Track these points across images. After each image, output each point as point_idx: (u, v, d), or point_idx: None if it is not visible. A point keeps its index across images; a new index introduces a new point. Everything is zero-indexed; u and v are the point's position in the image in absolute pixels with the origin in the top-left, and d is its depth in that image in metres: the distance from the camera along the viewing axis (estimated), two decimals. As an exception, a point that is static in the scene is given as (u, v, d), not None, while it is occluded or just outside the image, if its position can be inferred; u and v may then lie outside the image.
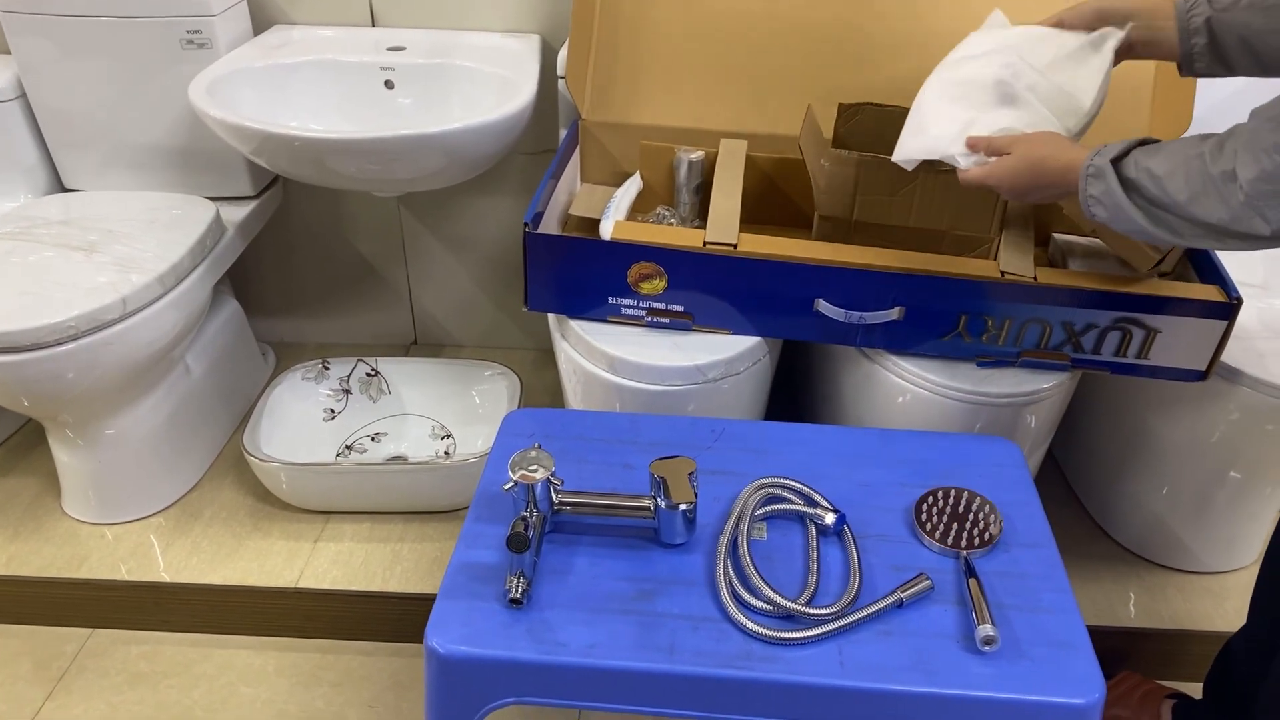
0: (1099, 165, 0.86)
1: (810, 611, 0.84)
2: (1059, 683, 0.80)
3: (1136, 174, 0.84)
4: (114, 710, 1.30)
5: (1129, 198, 0.84)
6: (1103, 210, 0.87)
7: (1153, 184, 0.83)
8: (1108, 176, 0.85)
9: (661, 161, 1.36)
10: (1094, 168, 0.86)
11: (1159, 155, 0.83)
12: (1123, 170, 0.85)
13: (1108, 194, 0.85)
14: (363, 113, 1.51)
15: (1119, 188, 0.85)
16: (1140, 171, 0.84)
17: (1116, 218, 0.86)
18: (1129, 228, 0.86)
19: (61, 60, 1.48)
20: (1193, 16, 0.96)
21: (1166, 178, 0.82)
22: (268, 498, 1.53)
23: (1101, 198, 0.86)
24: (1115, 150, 0.86)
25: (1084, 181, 0.87)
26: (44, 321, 1.22)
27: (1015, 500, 0.99)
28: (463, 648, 0.83)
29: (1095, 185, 0.86)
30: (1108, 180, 0.85)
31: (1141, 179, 0.83)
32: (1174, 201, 0.81)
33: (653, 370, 1.16)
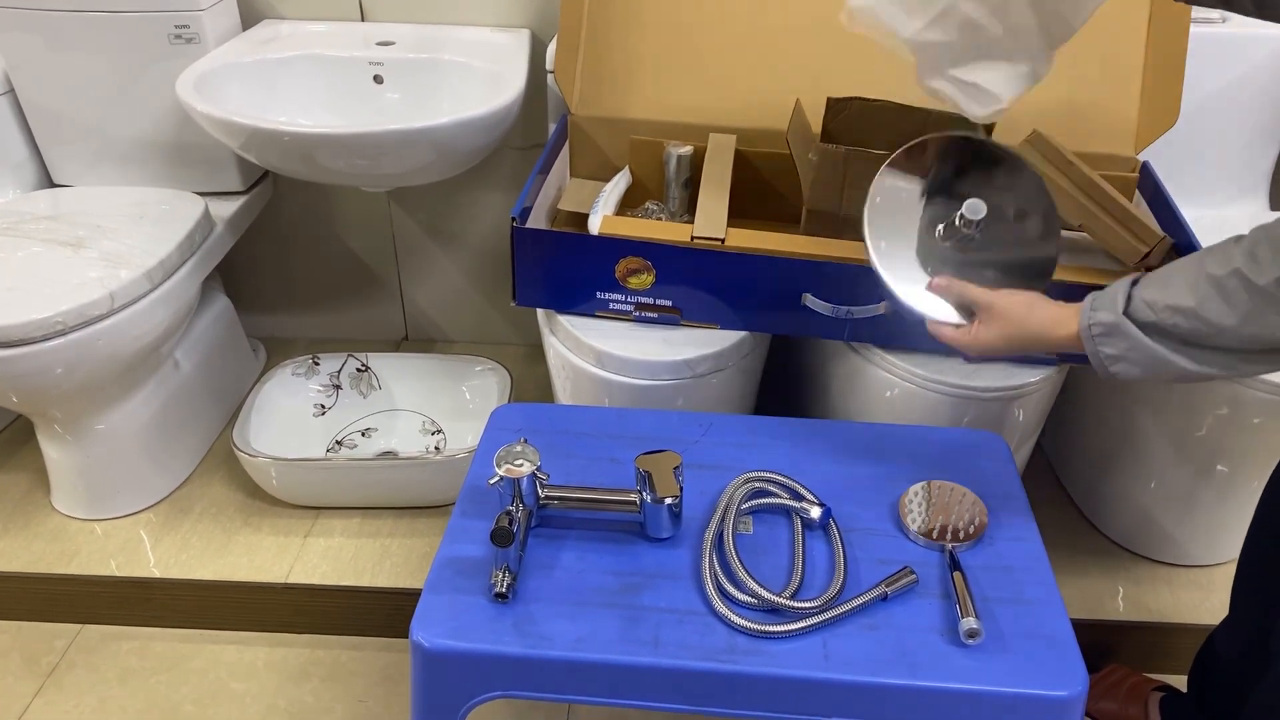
0: (1108, 322, 0.77)
1: (795, 605, 0.84)
2: (1042, 675, 0.80)
3: (1158, 316, 0.75)
4: (104, 705, 1.30)
5: (1161, 344, 0.75)
6: (1131, 367, 0.77)
7: (1184, 319, 0.73)
8: (1126, 331, 0.76)
9: (651, 156, 1.36)
10: (1101, 326, 0.78)
11: (1171, 286, 0.75)
12: (1137, 316, 0.76)
13: (1135, 349, 0.76)
14: (352, 107, 1.51)
15: (1147, 338, 0.75)
16: (1161, 312, 0.74)
17: (1152, 368, 0.76)
18: (1170, 374, 0.76)
19: (50, 55, 1.47)
20: None
21: (1201, 306, 0.73)
22: (258, 493, 1.53)
23: (1127, 354, 0.77)
24: (1115, 300, 0.77)
25: (1093, 344, 0.79)
26: (31, 317, 1.21)
27: (1001, 494, 0.99)
28: (448, 642, 0.83)
29: (1112, 344, 0.78)
30: (1128, 335, 0.76)
31: (1166, 320, 0.74)
32: (1220, 328, 0.72)
33: (641, 365, 1.16)
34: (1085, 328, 0.80)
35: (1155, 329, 0.75)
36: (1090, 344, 0.79)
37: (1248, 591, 1.07)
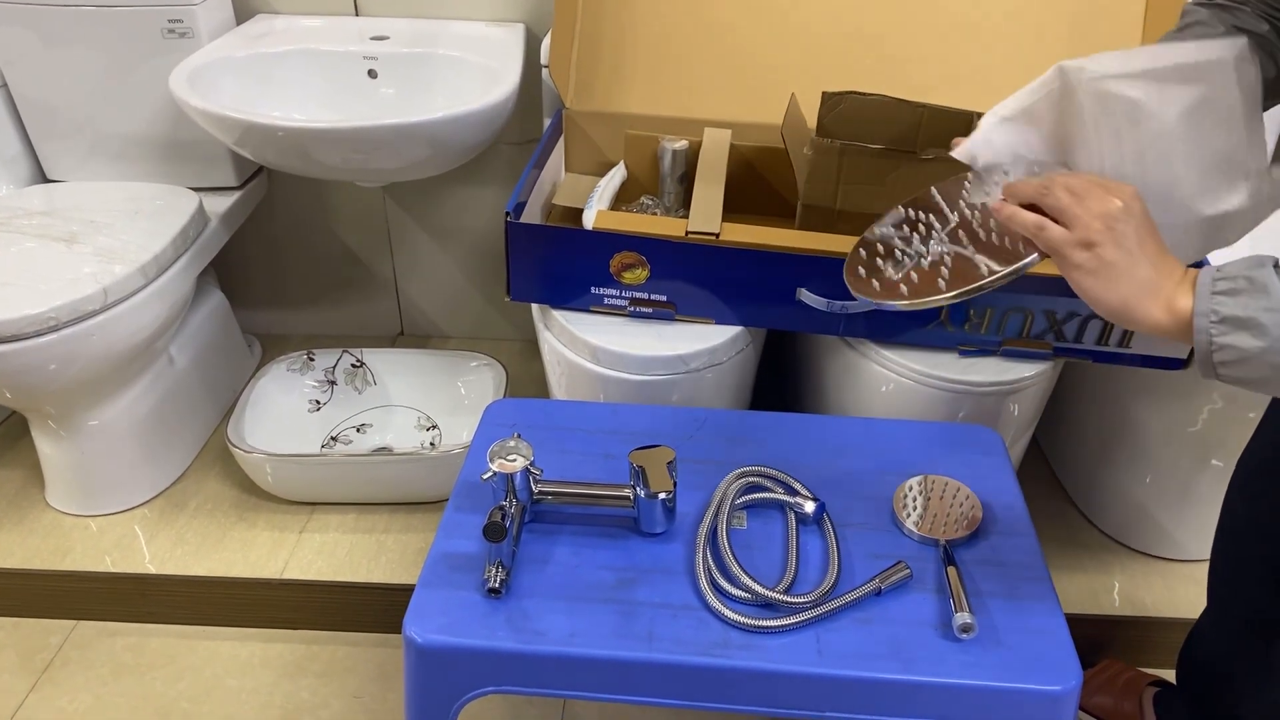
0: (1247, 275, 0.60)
1: (789, 600, 0.84)
2: (1035, 670, 0.80)
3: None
4: (99, 702, 1.30)
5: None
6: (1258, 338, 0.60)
7: None
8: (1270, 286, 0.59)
9: (646, 151, 1.36)
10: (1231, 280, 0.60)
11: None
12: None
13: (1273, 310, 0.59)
14: (346, 102, 1.51)
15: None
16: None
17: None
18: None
19: (43, 50, 1.47)
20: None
21: None
22: (253, 489, 1.53)
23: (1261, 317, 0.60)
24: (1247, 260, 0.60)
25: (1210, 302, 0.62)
26: (24, 312, 1.21)
27: (996, 489, 0.99)
28: (441, 637, 0.83)
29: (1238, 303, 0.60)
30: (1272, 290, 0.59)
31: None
32: None
33: (635, 360, 1.16)
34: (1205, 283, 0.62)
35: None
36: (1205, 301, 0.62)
37: (1224, 583, 1.07)
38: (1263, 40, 0.82)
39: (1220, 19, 0.83)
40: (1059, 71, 0.76)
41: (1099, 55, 0.75)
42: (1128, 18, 1.34)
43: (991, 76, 1.37)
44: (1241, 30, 0.81)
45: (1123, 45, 1.35)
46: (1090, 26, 1.36)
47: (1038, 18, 1.37)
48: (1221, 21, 0.83)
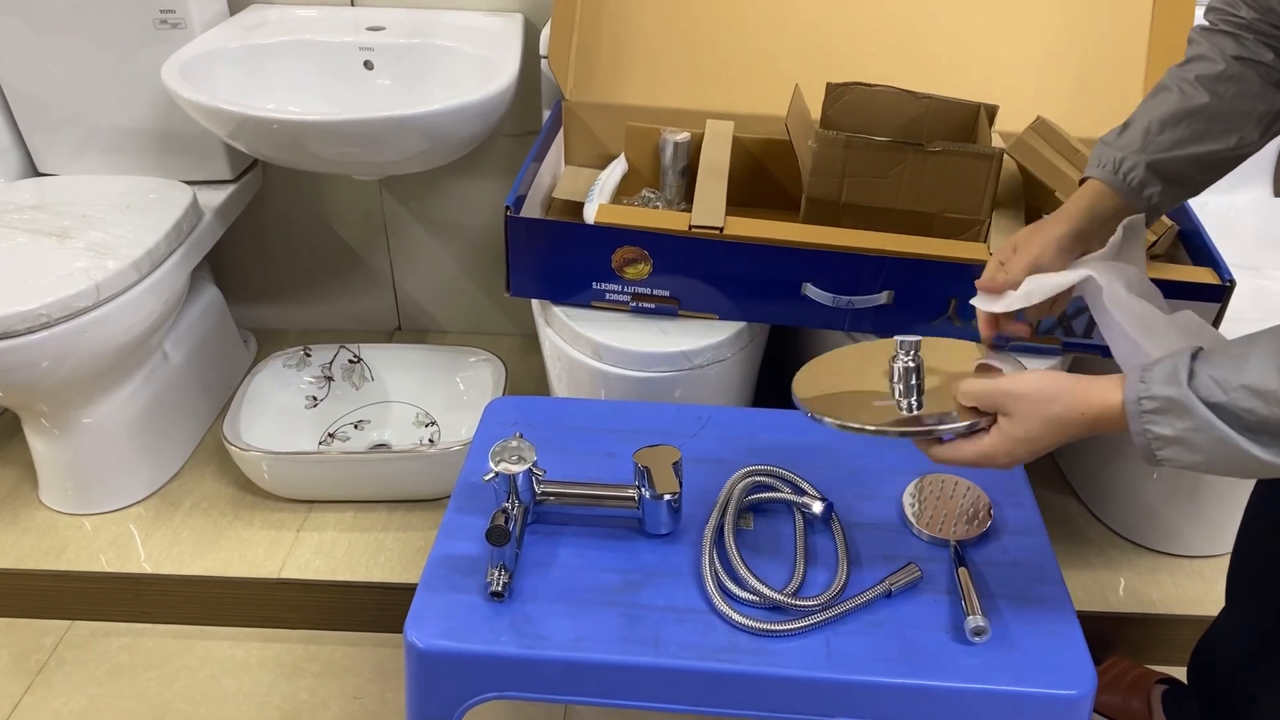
0: (1170, 398, 0.64)
1: (797, 603, 0.83)
2: (1050, 674, 0.79)
3: (1229, 396, 0.63)
4: (94, 703, 1.29)
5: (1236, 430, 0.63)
6: (1188, 452, 0.65)
7: (1264, 404, 0.62)
8: (1191, 408, 0.63)
9: (647, 143, 1.34)
10: (1157, 402, 0.65)
11: (1250, 365, 0.63)
12: (1202, 395, 0.63)
13: (1200, 430, 0.63)
14: (342, 94, 1.49)
15: (1217, 419, 0.63)
16: (1235, 393, 0.62)
17: (1215, 455, 0.64)
18: (1233, 465, 0.65)
19: (33, 41, 1.44)
20: (1129, 174, 0.84)
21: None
22: (249, 487, 1.51)
23: (1187, 436, 0.64)
24: (1176, 373, 0.65)
25: (1141, 422, 0.66)
26: (15, 309, 1.19)
27: (1006, 488, 0.97)
28: (443, 642, 0.81)
29: (1168, 423, 0.64)
30: (1194, 413, 0.63)
31: (1240, 402, 0.62)
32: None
33: (638, 356, 1.14)
34: (1134, 402, 0.66)
35: (1223, 411, 0.63)
36: (1138, 421, 0.66)
37: (1244, 586, 1.06)
38: (1267, 70, 0.82)
39: (1222, 49, 0.84)
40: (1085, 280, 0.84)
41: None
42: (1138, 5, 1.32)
43: (996, 67, 1.36)
44: (1244, 60, 0.82)
45: (1127, 34, 1.33)
46: (1094, 14, 1.35)
47: (1043, 7, 1.35)
48: (1223, 52, 0.83)
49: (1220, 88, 0.83)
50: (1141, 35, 1.33)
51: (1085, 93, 1.34)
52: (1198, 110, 0.83)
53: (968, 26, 1.36)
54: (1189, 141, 0.83)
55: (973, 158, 1.13)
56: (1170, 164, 0.84)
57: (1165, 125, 0.84)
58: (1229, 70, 0.82)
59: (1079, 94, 1.34)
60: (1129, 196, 0.85)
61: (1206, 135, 0.83)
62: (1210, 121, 0.83)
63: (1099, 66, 1.34)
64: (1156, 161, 0.84)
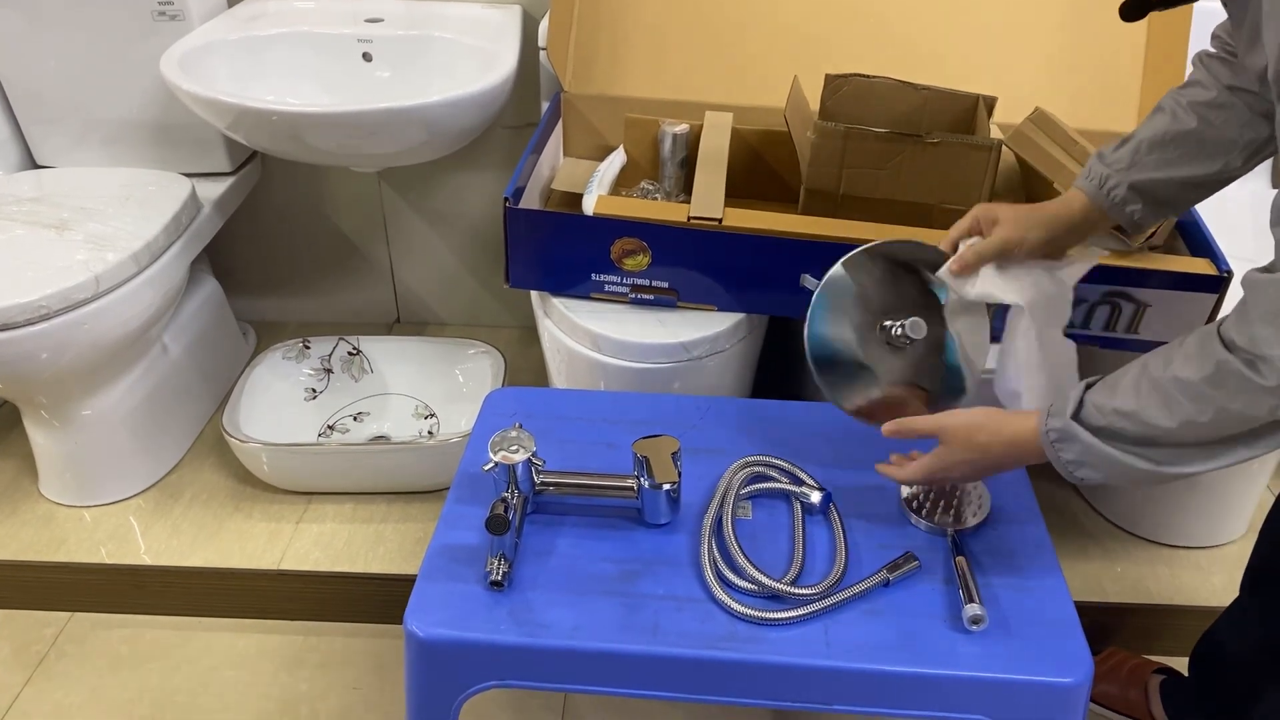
0: (1061, 429, 0.75)
1: (796, 591, 0.83)
2: (1047, 662, 0.79)
3: (1106, 419, 0.73)
4: (95, 694, 1.29)
5: (1116, 448, 0.73)
6: (1093, 471, 0.75)
7: (1130, 423, 0.72)
8: (1077, 435, 0.74)
9: (646, 135, 1.34)
10: (1056, 433, 0.76)
11: (1120, 389, 0.73)
12: (1089, 422, 0.74)
13: (1089, 452, 0.74)
14: (340, 86, 1.48)
15: (1099, 442, 0.73)
16: (1109, 415, 0.73)
17: (1115, 473, 0.74)
18: (1134, 478, 0.74)
19: (31, 33, 1.44)
20: (1113, 191, 0.89)
21: (1142, 410, 0.71)
22: (249, 479, 1.51)
23: (1084, 458, 0.75)
24: (1069, 405, 0.75)
25: (1053, 450, 0.76)
26: (14, 301, 1.19)
27: (1003, 477, 0.97)
28: (443, 631, 0.82)
29: (1069, 449, 0.75)
30: (1079, 439, 0.74)
31: (1115, 423, 0.73)
32: (1162, 430, 0.71)
33: (637, 347, 1.15)
34: (1044, 434, 0.77)
35: (1107, 432, 0.73)
36: (1051, 451, 0.77)
37: (1262, 585, 1.06)
38: (1255, 99, 0.85)
39: (1217, 77, 0.87)
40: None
41: None
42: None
43: (995, 58, 1.36)
44: (1236, 89, 0.86)
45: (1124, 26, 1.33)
46: (1092, 6, 1.35)
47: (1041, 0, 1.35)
48: (1217, 80, 0.87)
49: (1211, 114, 0.86)
50: (1139, 27, 1.33)
51: (1083, 84, 1.34)
52: (1185, 135, 0.87)
53: (966, 18, 1.36)
54: (1174, 164, 0.88)
55: (971, 149, 1.14)
56: (1153, 185, 0.89)
57: (1154, 146, 0.88)
58: (1220, 98, 0.86)
59: (1077, 85, 1.34)
60: (1111, 211, 0.90)
61: (1193, 159, 0.87)
62: (1198, 146, 0.87)
63: (1097, 58, 1.34)
64: (1139, 181, 0.88)
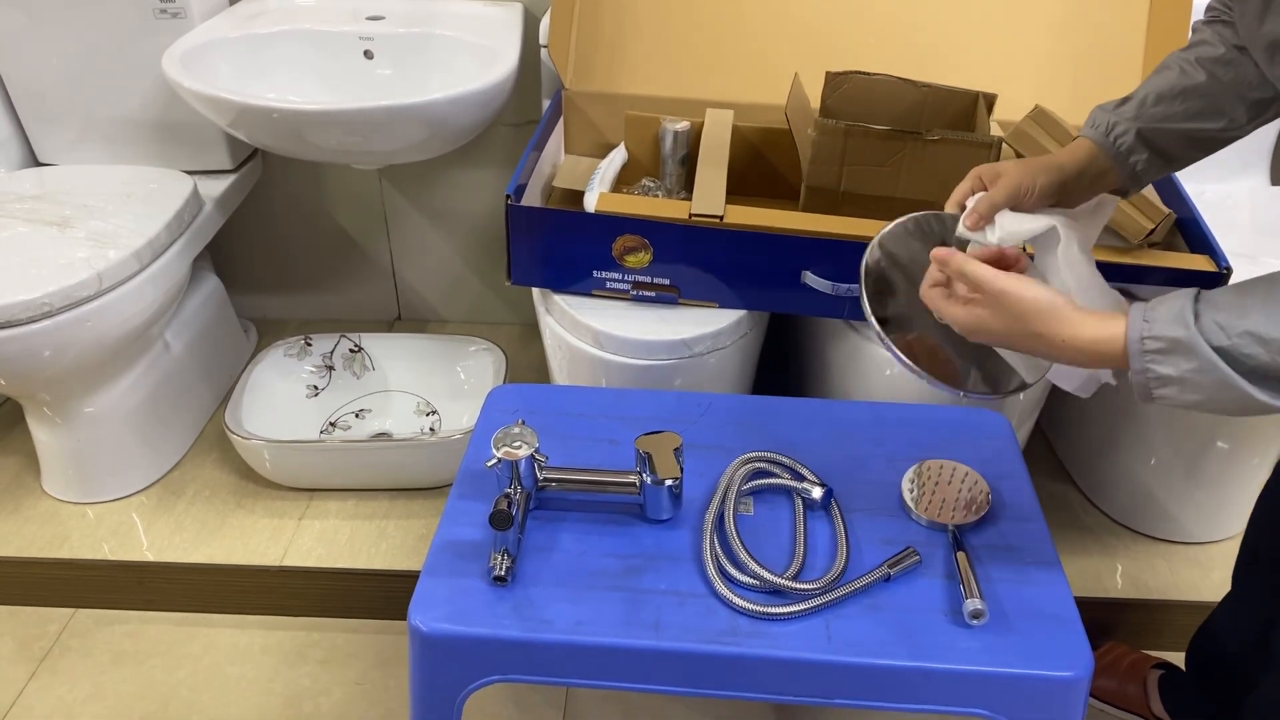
0: (1173, 338, 0.66)
1: (797, 586, 0.83)
2: (1047, 656, 0.79)
3: (1232, 341, 0.65)
4: (98, 690, 1.29)
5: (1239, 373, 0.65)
6: (1187, 392, 0.67)
7: (1266, 351, 0.64)
8: (1198, 350, 0.65)
9: (646, 132, 1.34)
10: (1162, 342, 0.67)
11: (1251, 312, 0.65)
12: (1208, 337, 0.65)
13: (1203, 371, 0.65)
14: (342, 84, 1.49)
15: (1222, 362, 0.65)
16: (1238, 338, 0.64)
17: (1215, 396, 0.66)
18: (1231, 406, 0.67)
19: (32, 31, 1.44)
20: (1120, 139, 0.86)
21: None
22: (251, 475, 1.51)
23: (1189, 377, 0.66)
24: (1182, 315, 0.66)
25: (1143, 361, 0.68)
26: (17, 299, 1.19)
27: (1004, 473, 0.98)
28: (447, 626, 0.82)
29: (1172, 363, 0.67)
30: (1199, 355, 0.65)
31: (1242, 347, 0.64)
32: None
33: (638, 344, 1.15)
34: (1136, 341, 0.68)
35: (1226, 354, 0.65)
36: (1139, 360, 0.68)
37: (1251, 574, 1.07)
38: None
39: (1223, 37, 0.86)
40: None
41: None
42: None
43: (995, 56, 1.36)
44: (1243, 49, 0.84)
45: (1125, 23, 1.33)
46: (1092, 2, 1.35)
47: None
48: (1224, 39, 0.86)
49: (1219, 70, 0.85)
50: (1139, 24, 1.33)
51: (1083, 82, 1.34)
52: (1194, 88, 0.85)
53: (967, 15, 1.36)
54: (1181, 117, 0.86)
55: (971, 146, 1.14)
56: (1159, 135, 0.87)
57: (1161, 99, 0.86)
58: (1229, 55, 0.85)
59: (1077, 83, 1.34)
60: (1117, 161, 0.88)
61: (1199, 114, 0.86)
62: (1205, 100, 0.85)
63: (1097, 55, 1.34)
64: (1146, 130, 0.86)
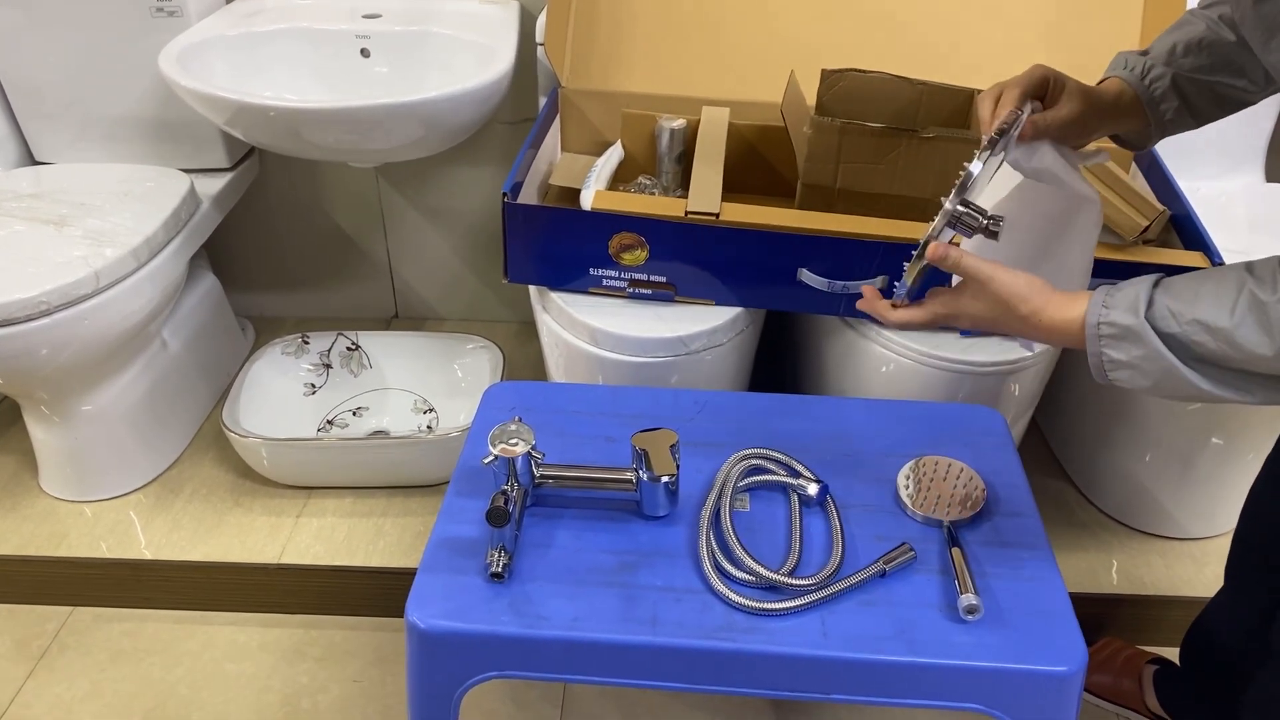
0: (1125, 325, 0.69)
1: (793, 582, 0.84)
2: (1041, 651, 0.80)
3: (1181, 328, 0.67)
4: (97, 688, 1.30)
5: (1184, 362, 0.67)
6: (1138, 377, 0.69)
7: (1213, 339, 0.65)
8: (1145, 338, 0.67)
9: (643, 130, 1.34)
10: (1113, 328, 0.69)
11: (1203, 300, 0.67)
12: (1157, 325, 0.68)
13: (1149, 359, 0.68)
14: (338, 82, 1.49)
15: (1167, 350, 0.67)
16: (1188, 325, 0.66)
17: (1162, 382, 0.69)
18: (1180, 392, 0.69)
19: (29, 30, 1.44)
20: (1155, 83, 0.86)
21: (1236, 330, 0.65)
22: (249, 473, 1.52)
23: (1138, 363, 0.69)
24: (1136, 302, 0.68)
25: (1098, 345, 0.71)
26: (15, 297, 1.19)
27: (999, 469, 0.98)
28: (444, 622, 0.82)
29: (1123, 349, 0.69)
30: (1146, 342, 0.67)
31: (1191, 334, 0.66)
32: (1252, 356, 0.65)
33: (635, 342, 1.15)
34: (1093, 325, 0.71)
35: (1175, 341, 0.67)
36: (1094, 344, 0.71)
37: (1245, 568, 1.07)
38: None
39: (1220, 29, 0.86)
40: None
41: None
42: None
43: (990, 53, 1.36)
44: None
45: (1119, 21, 1.33)
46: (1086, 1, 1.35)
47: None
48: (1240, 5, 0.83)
49: (1239, 31, 0.84)
50: (1134, 22, 1.33)
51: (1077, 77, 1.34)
52: (1221, 43, 0.85)
53: (962, 13, 1.37)
54: (1208, 70, 0.85)
55: (967, 143, 1.14)
56: (1190, 85, 0.86)
57: (1190, 50, 0.86)
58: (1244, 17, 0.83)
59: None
60: (1147, 104, 0.87)
61: (1224, 68, 0.85)
62: (1230, 55, 0.85)
63: (1091, 53, 1.34)
64: (1180, 78, 0.86)
